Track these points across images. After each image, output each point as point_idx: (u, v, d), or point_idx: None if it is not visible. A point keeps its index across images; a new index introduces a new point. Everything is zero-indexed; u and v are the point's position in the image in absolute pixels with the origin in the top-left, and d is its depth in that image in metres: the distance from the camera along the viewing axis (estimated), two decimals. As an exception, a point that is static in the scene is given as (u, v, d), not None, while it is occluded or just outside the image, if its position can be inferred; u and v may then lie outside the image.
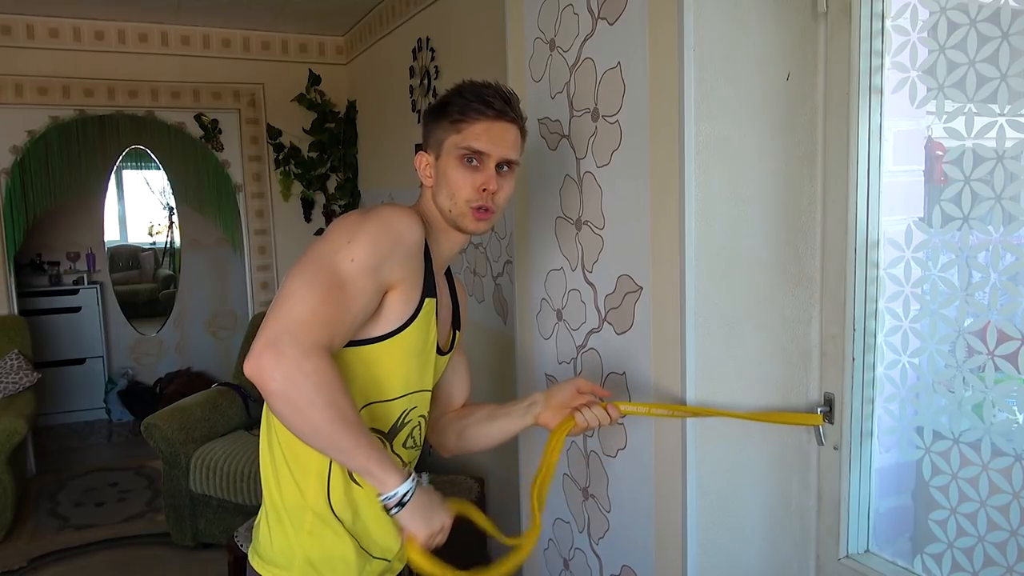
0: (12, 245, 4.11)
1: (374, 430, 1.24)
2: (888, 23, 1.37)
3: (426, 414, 1.35)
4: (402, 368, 1.24)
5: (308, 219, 4.66)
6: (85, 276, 5.49)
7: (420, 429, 1.35)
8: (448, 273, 1.43)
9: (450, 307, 1.40)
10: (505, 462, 2.80)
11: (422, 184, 1.32)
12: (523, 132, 1.31)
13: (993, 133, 1.20)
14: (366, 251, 1.11)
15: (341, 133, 4.54)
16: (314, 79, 4.54)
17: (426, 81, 3.27)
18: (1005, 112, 1.18)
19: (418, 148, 1.36)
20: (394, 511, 1.11)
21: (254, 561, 1.29)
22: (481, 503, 2.77)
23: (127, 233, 7.48)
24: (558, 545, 1.97)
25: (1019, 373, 1.19)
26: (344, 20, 4.24)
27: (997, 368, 1.23)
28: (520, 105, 1.30)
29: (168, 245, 7.63)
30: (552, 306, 1.91)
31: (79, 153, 4.29)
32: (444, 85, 3.12)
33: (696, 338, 1.43)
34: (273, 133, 4.55)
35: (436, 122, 1.28)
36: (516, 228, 2.05)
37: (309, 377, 1.02)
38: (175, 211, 6.19)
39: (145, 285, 6.99)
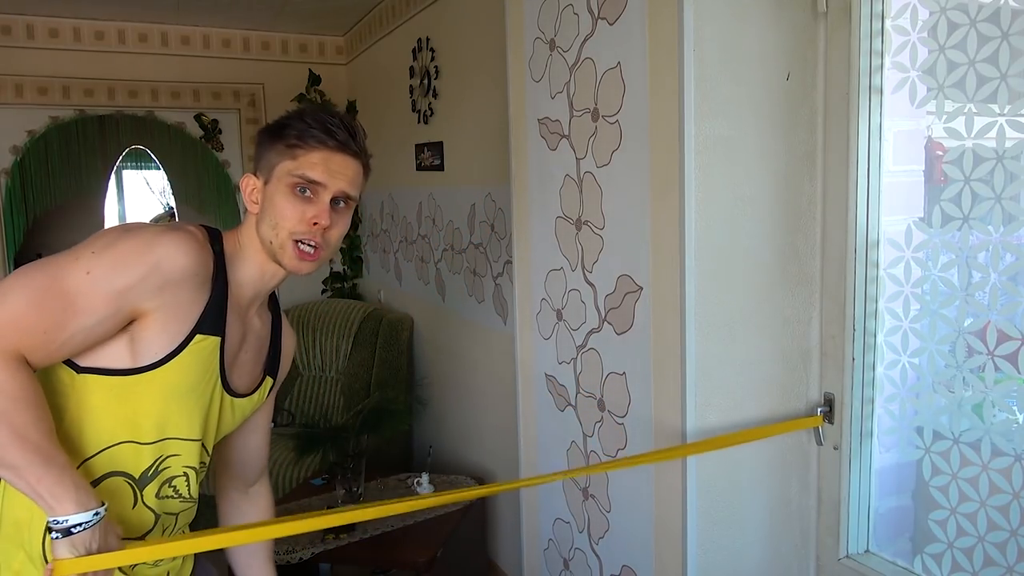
0: (12, 245, 4.11)
1: (121, 473, 1.10)
2: (888, 23, 1.37)
3: (196, 466, 1.18)
4: (156, 408, 1.09)
5: (308, 219, 4.65)
6: (85, 276, 5.48)
7: (188, 480, 1.18)
8: (276, 310, 1.30)
9: (264, 348, 1.26)
10: (505, 462, 2.80)
11: (247, 209, 1.18)
12: (366, 169, 1.18)
13: (993, 133, 1.20)
14: (107, 268, 0.99)
15: (341, 133, 4.54)
16: (314, 79, 4.54)
17: (426, 81, 3.27)
18: (1005, 112, 1.18)
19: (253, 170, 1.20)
20: (55, 536, 0.96)
21: None
22: (481, 503, 2.77)
23: (127, 233, 7.47)
24: (558, 545, 1.97)
25: (1019, 373, 1.19)
26: (344, 20, 4.24)
27: (997, 368, 1.23)
28: (366, 141, 1.18)
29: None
30: (552, 306, 1.91)
31: (79, 153, 4.29)
32: (444, 85, 3.12)
33: (696, 338, 1.43)
34: (273, 133, 4.54)
35: (270, 144, 1.14)
36: (516, 228, 2.05)
37: None
38: (175, 211, 6.19)
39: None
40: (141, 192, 7.68)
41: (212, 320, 1.10)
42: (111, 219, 6.86)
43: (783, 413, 1.54)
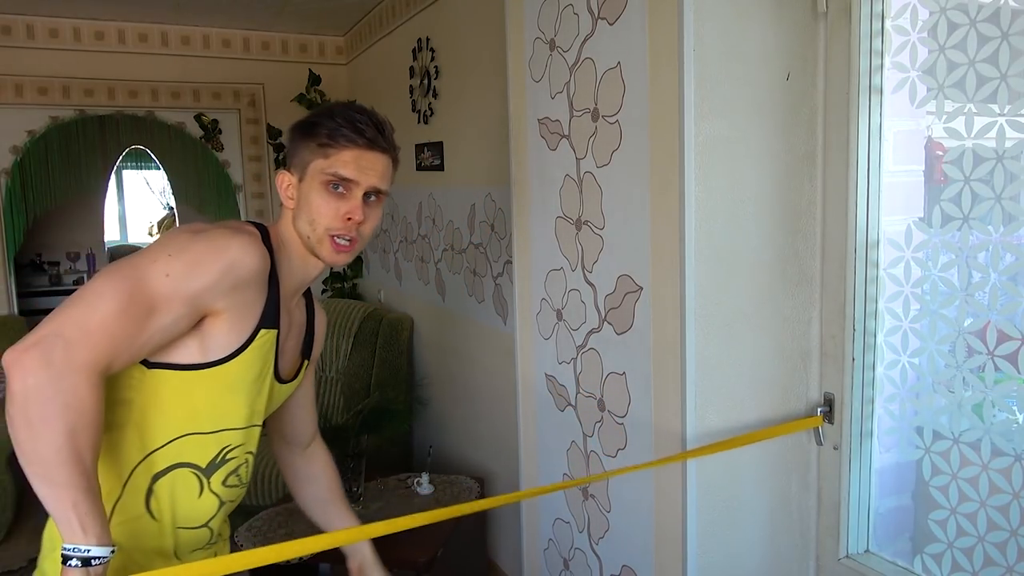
0: (12, 245, 4.11)
1: (188, 464, 1.15)
2: (888, 23, 1.37)
3: (255, 451, 1.26)
4: (223, 401, 1.15)
5: (308, 219, 4.65)
6: (85, 276, 5.49)
7: (247, 467, 1.25)
8: (308, 296, 1.36)
9: (301, 334, 1.32)
10: (505, 462, 2.80)
11: (283, 204, 1.24)
12: (395, 162, 1.23)
13: (993, 133, 1.20)
14: (185, 271, 1.02)
15: (341, 133, 4.54)
16: (314, 79, 4.54)
17: (426, 81, 3.27)
18: (1005, 112, 1.18)
19: (279, 166, 1.28)
20: (72, 563, 0.95)
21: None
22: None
23: (127, 233, 7.49)
24: (558, 545, 1.97)
25: (1019, 373, 1.19)
26: (344, 20, 4.24)
27: (997, 368, 1.23)
28: (393, 135, 1.22)
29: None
30: (552, 306, 1.91)
31: (79, 153, 4.29)
32: (444, 85, 3.12)
33: (696, 338, 1.43)
34: (273, 133, 4.55)
35: (302, 142, 1.18)
36: (516, 228, 2.05)
37: (61, 394, 0.92)
38: (175, 211, 6.18)
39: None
40: (141, 192, 7.68)
41: (271, 315, 1.16)
42: (111, 219, 6.87)
43: (783, 413, 1.54)
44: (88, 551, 0.95)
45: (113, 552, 0.99)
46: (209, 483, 1.18)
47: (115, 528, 1.10)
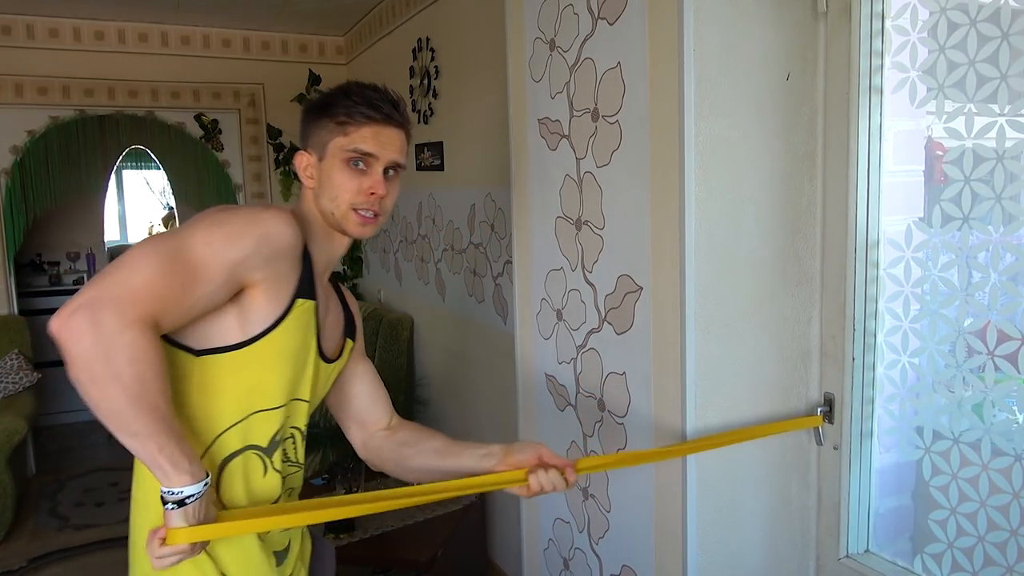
0: (12, 245, 4.11)
1: (252, 447, 1.17)
2: (888, 23, 1.37)
3: (302, 427, 1.27)
4: (276, 372, 1.17)
5: (308, 219, 4.65)
6: (85, 276, 5.49)
7: (295, 444, 1.26)
8: (334, 282, 1.37)
9: (340, 314, 1.35)
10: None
11: (302, 185, 1.26)
12: (409, 136, 1.27)
13: (993, 133, 1.20)
14: (224, 240, 1.05)
15: (341, 133, 4.54)
16: (314, 79, 4.54)
17: (426, 81, 3.27)
18: (1005, 112, 1.18)
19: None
20: (169, 507, 1.01)
21: None
22: (481, 502, 2.77)
23: (127, 233, 7.48)
24: (558, 545, 1.97)
25: (1019, 373, 1.19)
26: (344, 20, 4.24)
27: (997, 368, 1.23)
28: (407, 110, 1.26)
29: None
30: (552, 306, 1.91)
31: (79, 153, 4.29)
32: (444, 85, 3.12)
33: (696, 338, 1.43)
34: (273, 133, 4.55)
35: (319, 122, 1.21)
36: (516, 228, 2.05)
37: (123, 351, 0.94)
38: (175, 211, 6.18)
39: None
40: (141, 192, 7.68)
41: (307, 286, 1.17)
42: (111, 219, 6.86)
43: (783, 413, 1.54)
44: (181, 492, 1.00)
45: (206, 484, 1.03)
46: (271, 462, 1.20)
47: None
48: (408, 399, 3.49)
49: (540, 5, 1.83)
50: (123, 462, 4.87)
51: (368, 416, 1.44)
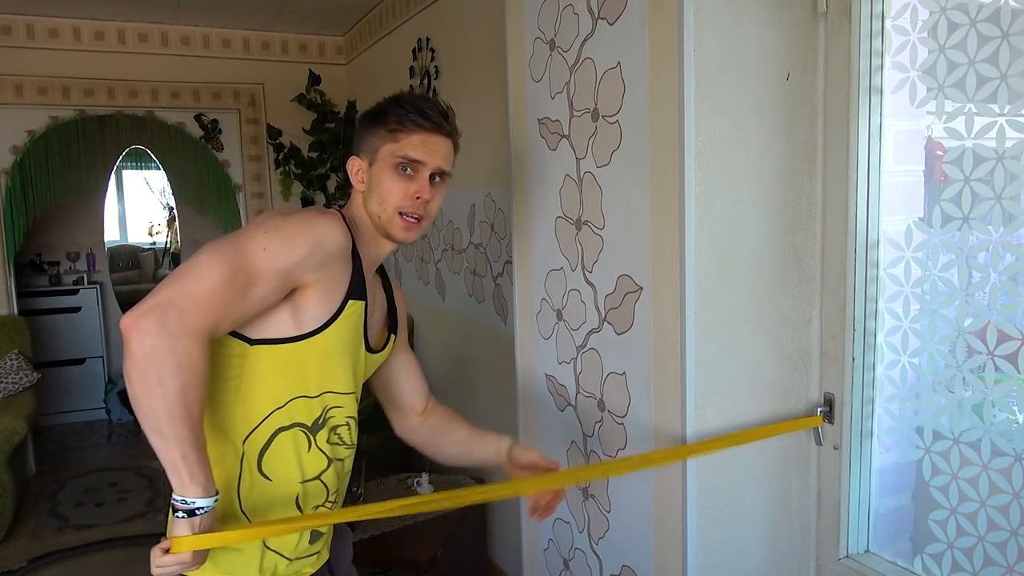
0: (12, 245, 4.11)
1: (298, 424, 1.24)
2: (888, 23, 1.37)
3: (354, 415, 1.36)
4: (323, 368, 1.24)
5: (308, 219, 4.65)
6: (85, 276, 5.49)
7: (350, 429, 1.35)
8: (383, 274, 1.44)
9: (384, 308, 1.42)
10: (505, 462, 2.80)
11: (352, 188, 1.32)
12: (456, 146, 1.35)
13: (993, 133, 1.20)
14: (280, 245, 1.11)
15: (341, 133, 4.54)
16: (314, 79, 4.54)
17: (426, 81, 3.27)
18: (1005, 112, 1.18)
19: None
20: (179, 515, 1.06)
21: None
22: (481, 502, 2.77)
23: (127, 233, 7.49)
24: (558, 545, 1.97)
25: (1019, 373, 1.19)
26: (344, 20, 4.24)
27: (997, 368, 1.23)
28: (456, 120, 1.34)
29: (168, 245, 7.63)
30: (552, 306, 1.91)
31: (79, 153, 4.29)
32: (444, 85, 3.12)
33: (696, 338, 1.43)
34: (273, 133, 4.55)
35: (371, 129, 1.28)
36: (516, 228, 2.05)
37: (175, 355, 1.00)
38: (175, 211, 6.19)
39: (145, 285, 6.97)
40: (141, 192, 7.69)
41: (358, 287, 1.25)
42: (111, 219, 6.87)
43: (783, 413, 1.54)
44: (193, 503, 1.05)
45: (216, 499, 1.08)
46: (315, 440, 1.27)
47: (244, 501, 1.23)
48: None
49: (540, 5, 1.84)
50: (123, 462, 4.88)
51: (406, 403, 1.56)
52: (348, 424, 1.34)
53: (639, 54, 1.49)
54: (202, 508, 1.06)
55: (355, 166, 1.30)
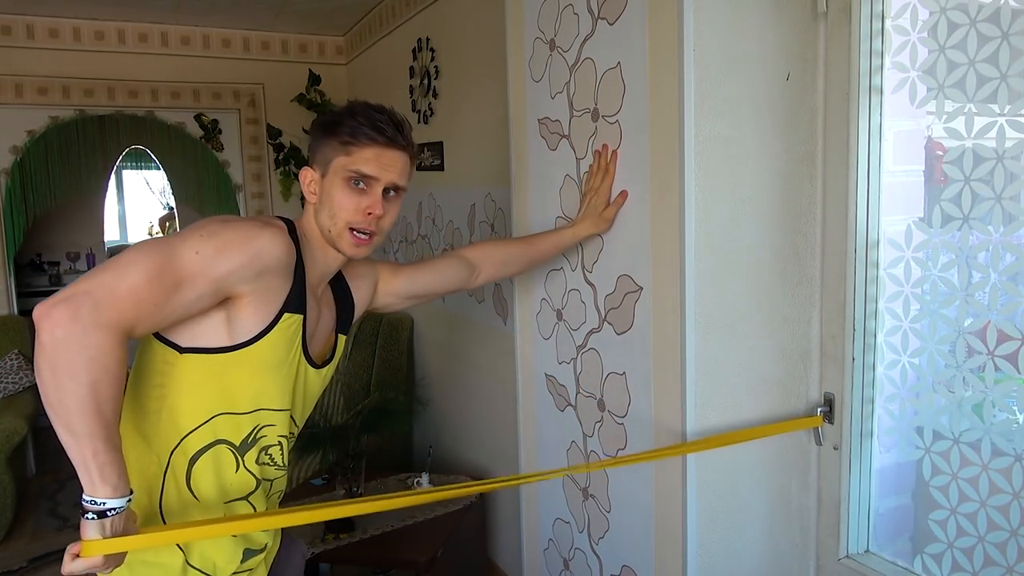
0: (12, 245, 4.11)
1: (224, 441, 1.20)
2: (888, 23, 1.37)
3: (287, 435, 1.29)
4: (254, 382, 1.20)
5: (308, 219, 4.65)
6: (85, 276, 5.48)
7: (282, 450, 1.29)
8: (342, 280, 1.40)
9: (332, 318, 1.37)
10: (505, 462, 2.80)
11: (304, 199, 1.29)
12: (412, 159, 1.29)
13: (993, 133, 1.20)
14: (214, 251, 1.07)
15: (341, 133, 4.54)
16: (314, 79, 4.54)
17: (426, 81, 3.27)
18: (1005, 112, 1.18)
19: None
20: (88, 516, 1.01)
21: None
22: (481, 503, 2.77)
23: (127, 233, 7.48)
24: (558, 545, 1.97)
25: (1019, 373, 1.19)
26: (344, 20, 4.24)
27: (997, 368, 1.23)
28: (412, 133, 1.29)
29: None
30: (552, 306, 1.91)
31: (79, 153, 4.29)
32: (444, 85, 3.12)
33: (696, 338, 1.43)
34: (273, 133, 4.55)
35: (324, 140, 1.24)
36: (516, 228, 2.05)
37: (87, 349, 0.96)
38: (175, 211, 6.18)
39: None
40: (141, 192, 7.68)
41: (296, 301, 1.21)
42: (111, 219, 6.87)
43: (783, 413, 1.54)
44: (104, 503, 1.00)
45: (129, 500, 1.03)
46: (243, 460, 1.24)
47: (167, 515, 1.19)
48: (408, 399, 3.49)
49: (540, 5, 1.83)
50: (123, 462, 4.82)
51: (462, 284, 1.61)
52: (280, 444, 1.28)
53: (639, 54, 1.49)
54: (113, 509, 1.01)
55: (307, 177, 1.26)
